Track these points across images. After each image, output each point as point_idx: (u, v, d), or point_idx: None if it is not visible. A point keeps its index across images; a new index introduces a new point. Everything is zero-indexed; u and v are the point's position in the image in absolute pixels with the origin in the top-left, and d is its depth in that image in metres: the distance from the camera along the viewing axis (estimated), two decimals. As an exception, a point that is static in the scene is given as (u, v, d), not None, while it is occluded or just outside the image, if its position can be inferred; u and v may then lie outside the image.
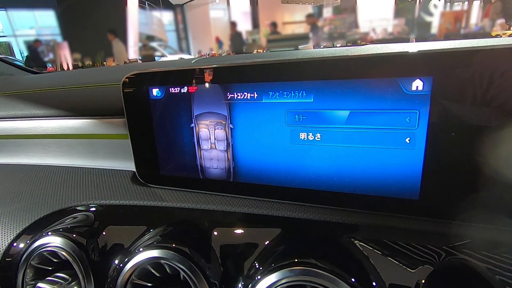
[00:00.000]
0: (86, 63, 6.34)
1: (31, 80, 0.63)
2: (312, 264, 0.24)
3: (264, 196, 0.31)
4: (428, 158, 0.23)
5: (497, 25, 4.96)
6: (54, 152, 0.45)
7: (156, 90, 0.32)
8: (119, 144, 0.40)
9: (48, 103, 0.43)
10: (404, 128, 0.24)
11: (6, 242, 0.35)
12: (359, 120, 0.25)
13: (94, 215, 0.35)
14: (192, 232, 0.30)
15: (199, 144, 0.32)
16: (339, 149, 0.26)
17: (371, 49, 0.53)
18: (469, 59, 0.21)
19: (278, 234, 0.28)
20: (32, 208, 0.37)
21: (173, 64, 0.70)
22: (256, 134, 0.29)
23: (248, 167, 0.31)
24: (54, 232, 0.32)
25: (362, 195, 0.27)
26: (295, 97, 0.27)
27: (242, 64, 0.28)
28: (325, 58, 0.25)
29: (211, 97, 0.30)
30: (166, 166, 0.34)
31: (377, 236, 0.26)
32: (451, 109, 0.22)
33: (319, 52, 0.57)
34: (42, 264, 0.33)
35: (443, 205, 0.24)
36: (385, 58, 0.23)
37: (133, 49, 7.89)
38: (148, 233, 0.31)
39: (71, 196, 0.38)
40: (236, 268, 0.28)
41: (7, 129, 0.46)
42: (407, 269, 0.24)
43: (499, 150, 0.21)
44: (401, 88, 0.23)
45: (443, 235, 0.24)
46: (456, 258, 0.23)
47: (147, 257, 0.28)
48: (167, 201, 0.33)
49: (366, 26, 7.15)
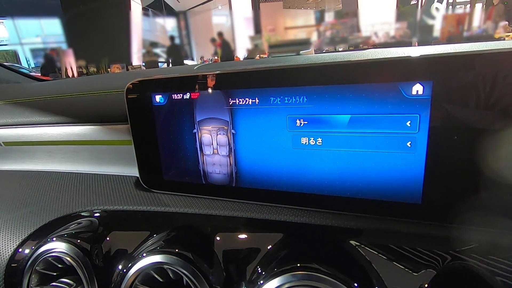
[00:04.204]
0: (90, 70, 6.41)
1: (37, 88, 0.64)
2: (315, 269, 0.24)
3: (266, 201, 0.31)
4: (429, 162, 0.24)
5: (500, 28, 4.94)
6: (59, 158, 0.46)
7: (159, 96, 0.32)
8: (123, 150, 0.41)
9: (54, 110, 0.44)
10: (405, 132, 0.24)
11: (12, 247, 0.35)
12: (360, 124, 0.25)
13: (98, 221, 0.35)
14: (195, 237, 0.30)
15: (202, 150, 0.32)
16: (341, 153, 0.26)
17: (372, 54, 0.53)
18: (468, 63, 0.21)
19: (280, 238, 0.28)
20: (37, 213, 0.38)
21: (175, 71, 0.70)
22: (258, 139, 0.29)
23: (250, 172, 0.31)
24: (59, 238, 0.33)
25: (363, 200, 0.27)
26: (296, 103, 0.27)
27: (243, 70, 0.28)
28: (326, 63, 0.25)
29: (213, 103, 0.30)
30: (169, 171, 0.35)
31: (380, 241, 0.26)
32: (452, 113, 0.22)
33: (320, 57, 0.57)
34: (47, 270, 0.33)
35: (445, 209, 0.24)
36: (385, 63, 0.23)
37: (136, 55, 7.98)
38: (151, 238, 0.31)
39: (76, 201, 0.38)
40: (238, 273, 0.28)
41: (13, 136, 0.47)
42: (410, 273, 0.23)
43: (500, 153, 0.21)
44: (401, 93, 0.23)
45: (446, 239, 0.24)
46: (459, 263, 0.23)
47: (150, 262, 0.28)
48: (170, 206, 0.34)
49: (368, 30, 7.16)
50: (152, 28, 9.18)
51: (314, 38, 7.80)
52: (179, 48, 7.21)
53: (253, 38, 7.83)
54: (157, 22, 9.42)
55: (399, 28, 6.81)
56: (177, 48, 7.09)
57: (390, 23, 6.94)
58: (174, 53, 6.82)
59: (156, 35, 8.99)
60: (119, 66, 6.16)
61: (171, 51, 6.87)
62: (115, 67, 6.12)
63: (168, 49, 6.88)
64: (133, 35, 7.93)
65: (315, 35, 8.04)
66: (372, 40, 6.77)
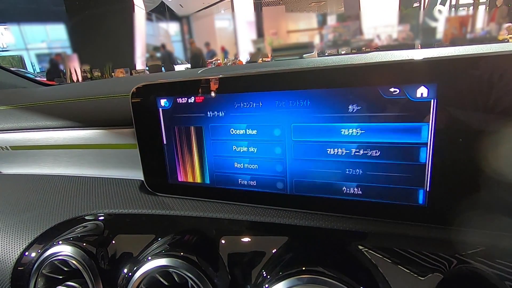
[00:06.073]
0: (94, 74, 6.49)
1: (43, 93, 0.65)
2: (320, 273, 0.24)
3: (271, 204, 0.31)
4: (435, 165, 0.23)
5: (503, 29, 4.92)
6: (64, 162, 0.46)
7: (164, 100, 0.33)
8: (128, 153, 0.41)
9: (59, 114, 0.44)
10: (410, 135, 0.24)
11: (18, 251, 0.36)
12: (365, 127, 0.25)
13: (103, 224, 0.35)
14: (200, 241, 0.31)
15: (206, 153, 0.33)
16: (346, 157, 0.26)
17: (375, 56, 0.53)
18: (473, 65, 0.21)
19: (285, 242, 0.28)
20: (43, 217, 0.38)
21: (180, 75, 0.71)
22: (259, 141, 0.29)
23: (255, 175, 0.31)
24: (65, 241, 0.33)
25: (369, 202, 0.27)
26: (299, 106, 0.27)
27: (247, 74, 0.29)
28: (330, 67, 0.25)
29: (217, 106, 0.30)
30: (174, 175, 0.35)
31: (386, 244, 0.25)
32: (457, 116, 0.22)
33: (324, 61, 0.57)
34: (53, 273, 0.33)
35: (452, 212, 0.24)
36: (389, 66, 0.24)
37: (140, 59, 8.06)
38: (156, 241, 0.31)
39: (81, 205, 0.38)
40: (243, 276, 0.28)
41: (19, 140, 0.47)
42: (416, 277, 0.23)
43: (505, 155, 0.21)
44: (406, 96, 0.23)
45: (452, 242, 0.24)
46: (466, 266, 0.23)
47: (155, 265, 0.28)
48: (175, 209, 0.34)
49: (370, 32, 7.16)
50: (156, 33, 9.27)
51: (317, 41, 7.83)
52: (170, 55, 7.41)
53: (256, 42, 7.87)
54: (160, 27, 9.51)
55: (402, 31, 6.81)
56: (169, 55, 7.29)
57: (392, 26, 6.94)
58: (167, 60, 6.99)
59: (159, 39, 9.08)
60: (123, 71, 6.23)
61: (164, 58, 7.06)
62: (119, 72, 6.18)
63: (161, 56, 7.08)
64: (137, 39, 8.02)
65: (317, 38, 8.07)
66: (375, 42, 6.77)
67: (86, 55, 6.91)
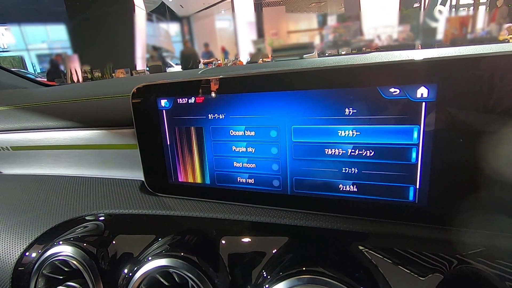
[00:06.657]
0: (95, 75, 6.48)
1: (43, 93, 0.65)
2: (320, 273, 0.24)
3: (271, 204, 0.31)
4: (434, 164, 0.23)
5: (504, 30, 4.92)
6: (65, 163, 0.46)
7: (164, 101, 0.33)
8: (128, 154, 0.41)
9: (60, 115, 0.44)
10: (410, 135, 0.24)
11: (19, 251, 0.36)
12: (365, 127, 0.25)
13: (104, 224, 0.35)
14: (200, 241, 0.31)
15: (207, 153, 0.33)
16: (345, 156, 0.26)
17: (376, 57, 0.53)
18: (473, 65, 0.21)
19: (285, 242, 0.28)
20: (43, 217, 0.38)
21: (180, 75, 0.71)
22: (259, 141, 0.29)
23: (256, 176, 0.31)
24: (65, 242, 0.33)
25: (368, 202, 0.27)
26: (300, 107, 0.27)
27: (247, 74, 0.29)
28: (330, 67, 0.25)
29: (217, 107, 0.30)
30: (174, 175, 0.35)
31: (386, 244, 0.25)
32: (457, 116, 0.22)
33: (324, 61, 0.57)
34: (54, 273, 0.33)
35: (452, 212, 0.24)
36: (389, 67, 0.24)
37: (140, 60, 8.07)
38: (156, 242, 0.31)
39: (82, 205, 0.38)
40: (244, 276, 0.28)
41: (20, 141, 0.47)
42: (417, 277, 0.23)
43: (506, 155, 0.21)
44: (406, 96, 0.23)
45: (453, 243, 0.24)
46: (466, 267, 0.23)
47: (156, 266, 0.28)
48: (175, 210, 0.34)
49: (370, 33, 7.16)
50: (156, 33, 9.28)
51: (317, 41, 7.83)
52: (163, 58, 7.60)
53: (256, 42, 7.87)
54: (161, 27, 9.52)
55: (402, 31, 6.80)
56: (162, 58, 7.49)
57: (393, 26, 6.93)
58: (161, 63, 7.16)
59: (160, 40, 9.09)
60: (124, 71, 6.22)
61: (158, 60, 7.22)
62: (120, 72, 6.18)
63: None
64: (137, 40, 8.03)
65: (318, 38, 8.07)
66: (375, 43, 6.77)
67: (87, 56, 6.91)
